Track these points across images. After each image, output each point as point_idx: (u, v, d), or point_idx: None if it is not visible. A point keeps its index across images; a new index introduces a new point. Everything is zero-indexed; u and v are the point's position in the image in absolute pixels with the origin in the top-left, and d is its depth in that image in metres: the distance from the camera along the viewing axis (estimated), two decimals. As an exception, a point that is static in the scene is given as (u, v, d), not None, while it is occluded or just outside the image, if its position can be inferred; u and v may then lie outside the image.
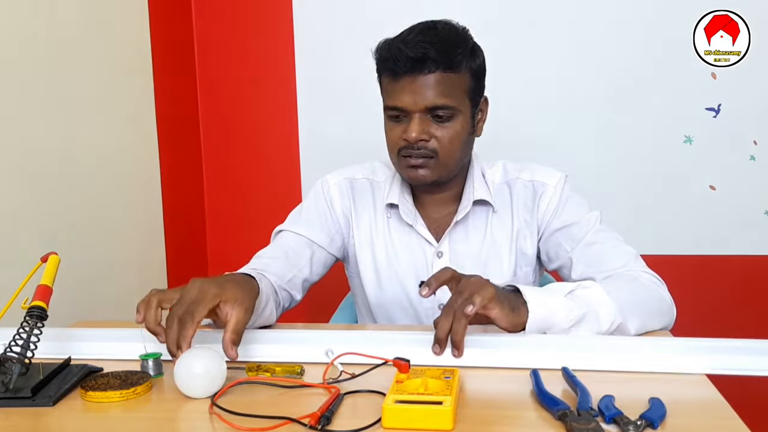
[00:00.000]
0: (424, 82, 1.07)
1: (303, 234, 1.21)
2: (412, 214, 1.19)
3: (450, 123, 1.10)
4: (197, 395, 0.78)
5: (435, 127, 1.09)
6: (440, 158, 1.11)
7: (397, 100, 1.09)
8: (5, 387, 0.78)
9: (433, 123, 1.09)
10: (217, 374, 0.78)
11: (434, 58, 1.06)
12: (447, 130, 1.10)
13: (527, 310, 0.91)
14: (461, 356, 0.86)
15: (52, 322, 0.86)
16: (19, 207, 1.30)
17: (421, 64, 1.06)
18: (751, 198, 1.87)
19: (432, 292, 0.90)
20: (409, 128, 1.08)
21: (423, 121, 1.09)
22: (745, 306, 1.91)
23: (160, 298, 0.88)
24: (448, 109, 1.08)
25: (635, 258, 1.11)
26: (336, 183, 1.26)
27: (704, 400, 0.75)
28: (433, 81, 1.07)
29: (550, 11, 1.87)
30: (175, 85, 1.94)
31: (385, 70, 1.11)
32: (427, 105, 1.07)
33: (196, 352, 0.79)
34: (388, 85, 1.11)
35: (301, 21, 1.98)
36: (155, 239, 1.82)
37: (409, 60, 1.06)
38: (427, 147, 1.09)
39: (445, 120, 1.09)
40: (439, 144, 1.10)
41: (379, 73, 1.15)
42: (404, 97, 1.08)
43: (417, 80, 1.07)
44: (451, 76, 1.08)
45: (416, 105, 1.07)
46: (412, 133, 1.08)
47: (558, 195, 1.18)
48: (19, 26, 1.31)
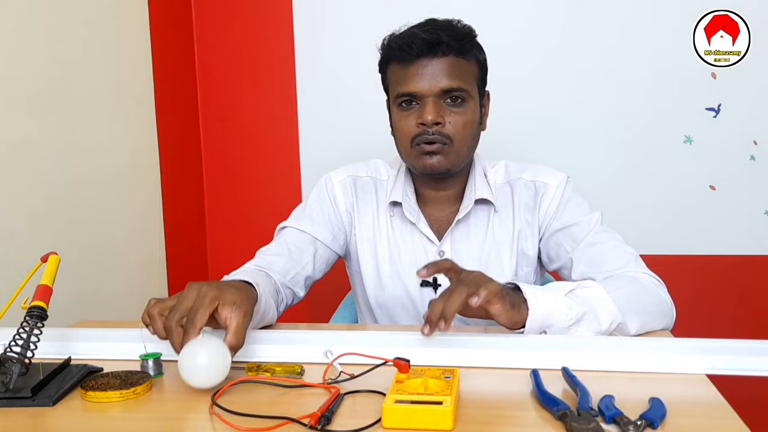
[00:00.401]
0: (438, 66, 1.09)
1: (306, 231, 1.21)
2: (415, 213, 1.20)
3: (463, 108, 1.11)
4: (201, 386, 0.77)
5: (448, 112, 1.10)
6: (455, 144, 1.11)
7: (410, 85, 1.10)
8: (5, 387, 0.78)
9: (446, 108, 1.10)
10: (222, 365, 0.78)
11: (447, 42, 1.08)
12: (460, 115, 1.11)
13: (527, 308, 0.91)
14: (447, 329, 0.84)
15: (52, 322, 0.86)
16: (19, 207, 1.30)
17: (435, 47, 1.08)
18: (751, 198, 1.87)
19: (429, 275, 0.90)
20: (425, 111, 1.09)
21: (437, 105, 1.10)
22: (745, 306, 1.91)
23: (161, 308, 0.85)
24: (462, 92, 1.10)
25: (635, 259, 1.11)
26: (339, 180, 1.26)
27: (704, 400, 0.75)
28: (447, 64, 1.09)
29: (549, 11, 1.87)
30: (175, 85, 1.94)
31: (395, 58, 1.12)
32: (442, 87, 1.09)
33: (201, 341, 0.78)
34: (398, 72, 1.12)
35: (301, 21, 1.98)
36: (155, 239, 1.82)
37: (424, 43, 1.08)
38: (442, 132, 1.10)
39: (458, 104, 1.11)
40: (453, 129, 1.10)
41: (386, 63, 1.16)
42: (418, 81, 1.09)
43: (431, 63, 1.09)
44: (462, 62, 1.10)
45: (431, 89, 1.09)
46: (428, 115, 1.08)
47: (559, 196, 1.18)
48: (19, 26, 1.31)
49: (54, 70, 1.40)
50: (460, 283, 0.87)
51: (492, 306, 0.88)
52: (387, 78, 1.17)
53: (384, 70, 1.18)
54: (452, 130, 1.10)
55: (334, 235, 1.24)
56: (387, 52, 1.15)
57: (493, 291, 0.87)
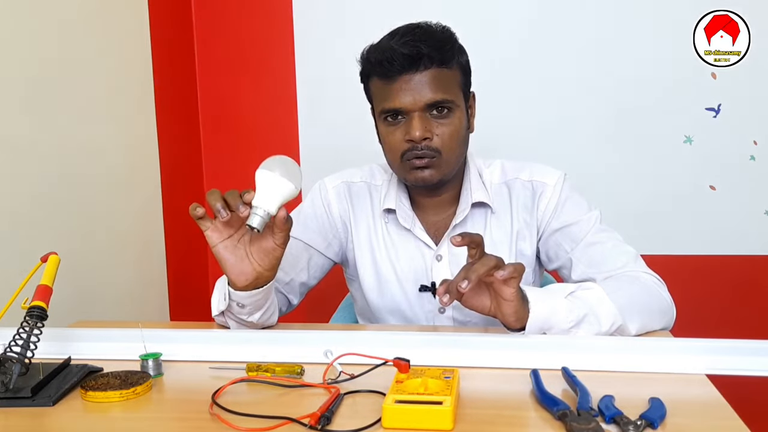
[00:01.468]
0: (421, 80, 1.06)
1: (300, 238, 1.20)
2: (410, 219, 1.19)
3: (449, 119, 1.09)
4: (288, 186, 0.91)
5: (435, 125, 1.09)
6: (443, 156, 1.10)
7: (395, 101, 1.08)
8: (5, 387, 0.78)
9: (432, 121, 1.09)
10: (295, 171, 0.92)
11: (428, 54, 1.06)
12: (447, 126, 1.09)
13: (528, 309, 0.91)
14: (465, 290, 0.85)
15: (52, 322, 0.86)
16: (19, 207, 1.30)
17: (416, 61, 1.06)
18: (751, 198, 1.87)
19: (463, 244, 0.89)
20: (412, 127, 1.07)
21: (423, 119, 1.08)
22: (745, 306, 1.91)
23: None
24: (447, 104, 1.08)
25: (635, 258, 1.11)
26: (334, 187, 1.25)
27: (704, 400, 0.75)
28: (430, 77, 1.07)
29: (549, 11, 1.87)
30: (175, 85, 1.94)
31: (376, 74, 1.10)
32: (426, 102, 1.07)
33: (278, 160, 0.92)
34: (381, 88, 1.10)
35: (301, 21, 1.98)
36: (155, 239, 1.81)
37: (405, 58, 1.05)
38: (430, 146, 1.09)
39: (444, 116, 1.09)
40: (441, 141, 1.09)
41: (367, 78, 1.14)
42: (402, 97, 1.07)
43: (414, 78, 1.06)
44: (445, 72, 1.08)
45: (415, 103, 1.07)
46: (415, 132, 1.07)
47: (557, 195, 1.17)
48: (19, 26, 1.31)
49: (53, 70, 1.40)
50: (488, 255, 0.88)
51: (509, 288, 0.88)
52: (370, 91, 1.15)
53: (366, 82, 1.15)
54: (440, 142, 1.09)
55: (329, 242, 1.23)
56: (366, 66, 1.12)
57: (519, 270, 0.88)
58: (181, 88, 1.98)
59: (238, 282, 0.96)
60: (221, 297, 1.00)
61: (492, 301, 0.93)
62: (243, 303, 0.99)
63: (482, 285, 0.92)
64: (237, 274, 0.96)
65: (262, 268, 0.96)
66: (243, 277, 0.96)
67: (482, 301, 0.93)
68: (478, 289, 0.93)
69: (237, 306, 1.00)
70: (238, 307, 1.00)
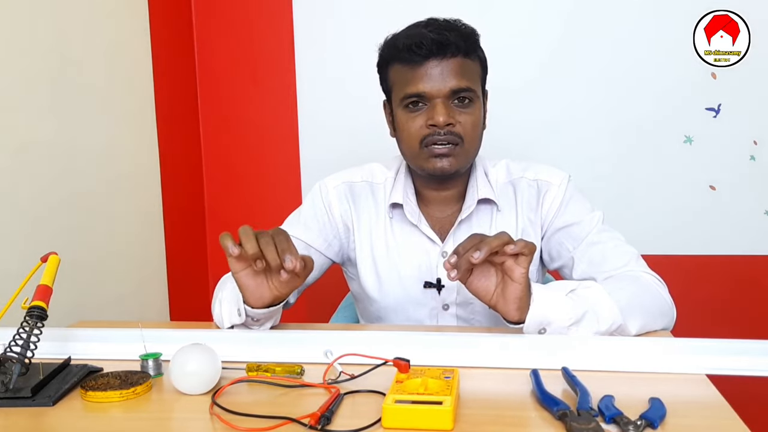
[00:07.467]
0: (448, 66, 1.08)
1: (300, 237, 1.20)
2: (417, 214, 1.19)
3: (471, 108, 1.11)
4: (193, 392, 0.78)
5: (458, 113, 1.10)
6: (465, 145, 1.11)
7: (419, 85, 1.08)
8: (5, 387, 0.78)
9: (455, 108, 1.10)
10: (212, 372, 0.79)
11: (456, 43, 1.08)
12: (469, 115, 1.10)
13: (531, 301, 0.91)
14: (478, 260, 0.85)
15: (52, 322, 0.86)
16: (19, 207, 1.30)
17: (444, 48, 1.07)
18: (751, 198, 1.87)
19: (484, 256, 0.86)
20: (436, 112, 1.08)
21: (447, 106, 1.09)
22: (745, 306, 1.91)
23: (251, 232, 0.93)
24: (470, 92, 1.10)
25: (636, 258, 1.11)
26: (334, 187, 1.25)
27: (704, 400, 0.75)
28: (455, 65, 1.08)
29: (549, 11, 1.87)
30: (175, 85, 1.94)
31: (401, 59, 1.11)
32: (452, 88, 1.08)
33: (189, 349, 0.80)
34: (405, 73, 1.11)
35: (301, 21, 1.98)
36: (155, 239, 1.81)
37: (434, 43, 1.07)
38: (453, 132, 1.09)
39: (466, 105, 1.10)
40: (463, 129, 1.10)
41: (389, 64, 1.14)
42: (428, 82, 1.08)
43: (441, 64, 1.08)
44: (468, 62, 1.11)
45: (441, 89, 1.08)
46: (439, 117, 1.08)
47: (561, 194, 1.18)
48: (19, 26, 1.31)
49: (53, 71, 1.40)
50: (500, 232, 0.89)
51: (519, 268, 0.88)
52: (389, 78, 1.15)
53: (385, 71, 1.16)
54: (462, 130, 1.10)
55: (329, 242, 1.23)
56: (390, 52, 1.13)
57: (531, 248, 0.88)
58: (181, 89, 1.98)
59: (256, 304, 0.98)
60: (234, 312, 1.01)
61: (497, 285, 0.92)
62: (258, 318, 1.00)
63: (489, 267, 0.92)
64: (256, 298, 0.97)
65: (280, 292, 0.98)
66: (261, 301, 0.98)
67: (487, 285, 0.92)
68: (485, 270, 0.92)
69: (251, 320, 1.01)
70: (252, 320, 1.01)
